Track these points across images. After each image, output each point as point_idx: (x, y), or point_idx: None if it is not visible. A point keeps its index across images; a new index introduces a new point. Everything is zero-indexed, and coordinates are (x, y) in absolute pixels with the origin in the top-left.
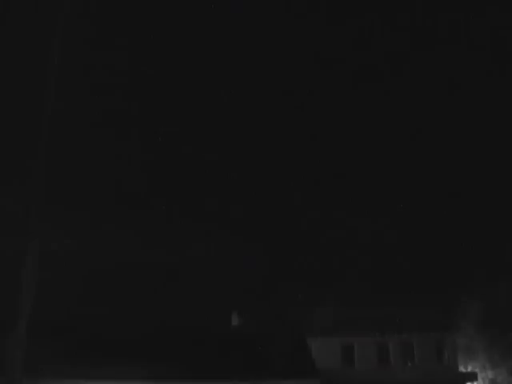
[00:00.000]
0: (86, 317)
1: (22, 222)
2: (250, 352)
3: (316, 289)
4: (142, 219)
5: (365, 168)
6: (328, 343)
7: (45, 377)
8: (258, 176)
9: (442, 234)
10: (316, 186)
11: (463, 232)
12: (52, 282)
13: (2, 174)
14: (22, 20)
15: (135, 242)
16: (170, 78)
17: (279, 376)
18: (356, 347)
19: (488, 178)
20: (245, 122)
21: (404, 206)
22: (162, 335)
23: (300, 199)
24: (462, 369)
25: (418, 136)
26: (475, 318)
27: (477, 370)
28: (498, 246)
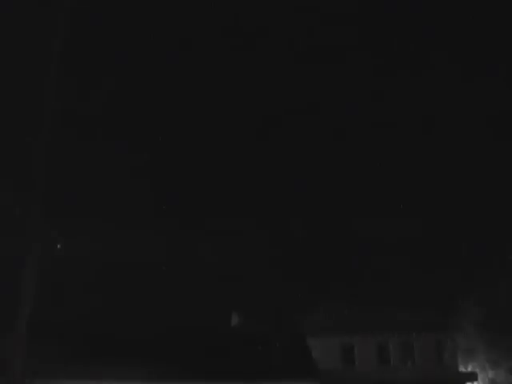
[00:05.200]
0: (85, 317)
1: (22, 223)
2: (250, 352)
3: (316, 288)
4: (142, 219)
5: (365, 167)
6: (328, 343)
7: (45, 377)
8: (258, 176)
9: (441, 234)
10: (315, 185)
11: (463, 232)
12: (52, 282)
13: (2, 174)
14: (22, 20)
15: (135, 242)
16: (171, 77)
17: (279, 376)
18: (356, 347)
19: (488, 177)
20: (246, 123)
21: (404, 206)
22: (162, 335)
23: (300, 199)
24: (462, 369)
25: (417, 136)
26: (475, 318)
27: (477, 370)
28: (498, 246)
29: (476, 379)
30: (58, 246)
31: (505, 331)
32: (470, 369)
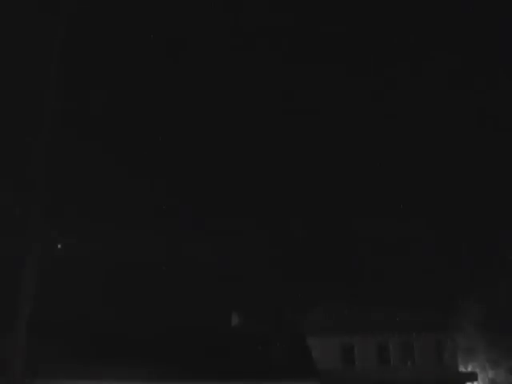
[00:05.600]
0: (86, 317)
1: (22, 223)
2: (250, 352)
3: (316, 288)
4: (143, 218)
5: (366, 168)
6: (328, 343)
7: (44, 377)
8: (258, 176)
9: (442, 234)
10: (315, 185)
11: (463, 232)
12: (52, 282)
13: (2, 174)
14: (22, 20)
15: (135, 242)
16: (171, 77)
17: (279, 376)
18: (356, 347)
19: (488, 178)
20: (247, 123)
21: (404, 206)
22: (163, 335)
23: (300, 199)
24: (462, 369)
25: (418, 137)
26: (475, 318)
27: (477, 370)
28: (498, 246)
29: (476, 379)
30: (59, 246)
31: (505, 331)
32: (470, 369)
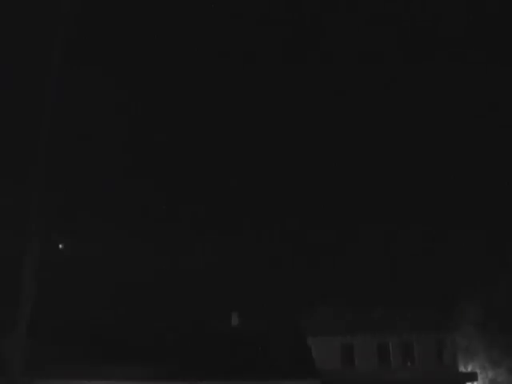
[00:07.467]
0: (86, 317)
1: (22, 222)
2: (250, 352)
3: (316, 289)
4: (142, 219)
5: (366, 167)
6: (328, 343)
7: (44, 377)
8: (257, 176)
9: (441, 234)
10: (315, 185)
11: (463, 232)
12: (52, 283)
13: (2, 174)
14: (23, 20)
15: (134, 243)
16: (171, 78)
17: (279, 376)
18: (356, 347)
19: (488, 177)
20: (246, 123)
21: (404, 206)
22: (163, 335)
23: (299, 199)
24: (462, 369)
25: (418, 137)
26: (475, 317)
27: (477, 370)
28: (498, 246)
29: (476, 379)
30: (60, 246)
31: (505, 331)
32: (469, 369)
